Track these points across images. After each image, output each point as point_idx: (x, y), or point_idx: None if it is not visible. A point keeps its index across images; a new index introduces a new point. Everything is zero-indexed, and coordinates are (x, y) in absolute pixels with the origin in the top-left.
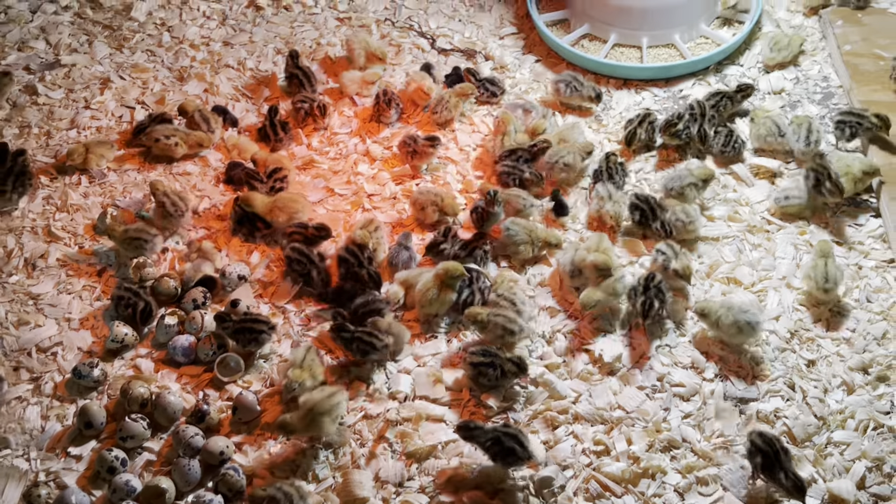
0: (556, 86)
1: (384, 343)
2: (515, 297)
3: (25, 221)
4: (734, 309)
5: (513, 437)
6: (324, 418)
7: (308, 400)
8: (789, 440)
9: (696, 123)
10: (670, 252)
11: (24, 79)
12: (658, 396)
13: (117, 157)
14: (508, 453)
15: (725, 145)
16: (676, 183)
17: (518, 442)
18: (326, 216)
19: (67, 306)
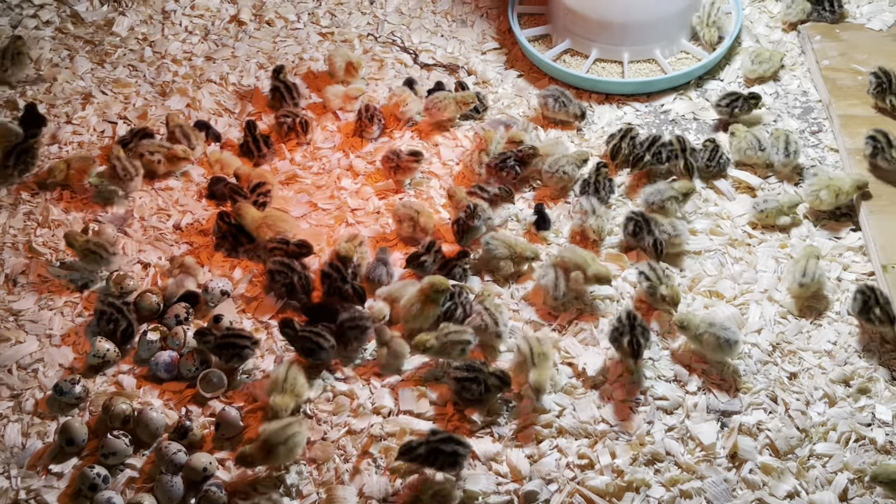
0: (543, 100)
1: (331, 343)
2: (497, 311)
3: (6, 237)
4: (715, 325)
5: (447, 440)
6: (279, 448)
7: (264, 430)
8: (772, 453)
9: (681, 159)
10: (654, 276)
11: (4, 94)
12: (641, 409)
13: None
14: (453, 457)
15: (710, 160)
16: (657, 197)
17: (455, 441)
18: (310, 231)
19: (48, 322)
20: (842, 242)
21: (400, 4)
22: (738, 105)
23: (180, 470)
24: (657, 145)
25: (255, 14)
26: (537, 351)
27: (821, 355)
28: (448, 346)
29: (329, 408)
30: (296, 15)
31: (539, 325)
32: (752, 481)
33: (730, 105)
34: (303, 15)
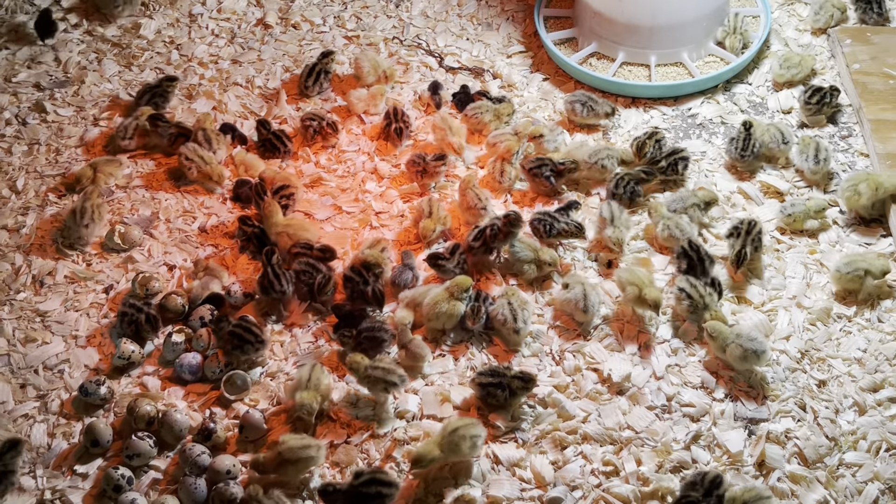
0: (570, 106)
1: (262, 340)
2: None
3: (33, 238)
4: (742, 336)
5: (369, 482)
6: (290, 468)
7: (284, 442)
8: (800, 461)
9: (739, 241)
10: (696, 295)
11: (33, 96)
12: (667, 417)
13: (125, 174)
14: (378, 498)
15: (744, 149)
16: (679, 204)
17: (377, 482)
18: (334, 234)
19: (74, 324)
20: (872, 248)
21: (425, 8)
22: (826, 100)
23: (204, 472)
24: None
25: (281, 17)
26: (646, 277)
27: (850, 363)
28: (372, 378)
29: (352, 411)
30: (321, 18)
31: (564, 330)
32: (781, 490)
33: (819, 101)
34: (328, 18)
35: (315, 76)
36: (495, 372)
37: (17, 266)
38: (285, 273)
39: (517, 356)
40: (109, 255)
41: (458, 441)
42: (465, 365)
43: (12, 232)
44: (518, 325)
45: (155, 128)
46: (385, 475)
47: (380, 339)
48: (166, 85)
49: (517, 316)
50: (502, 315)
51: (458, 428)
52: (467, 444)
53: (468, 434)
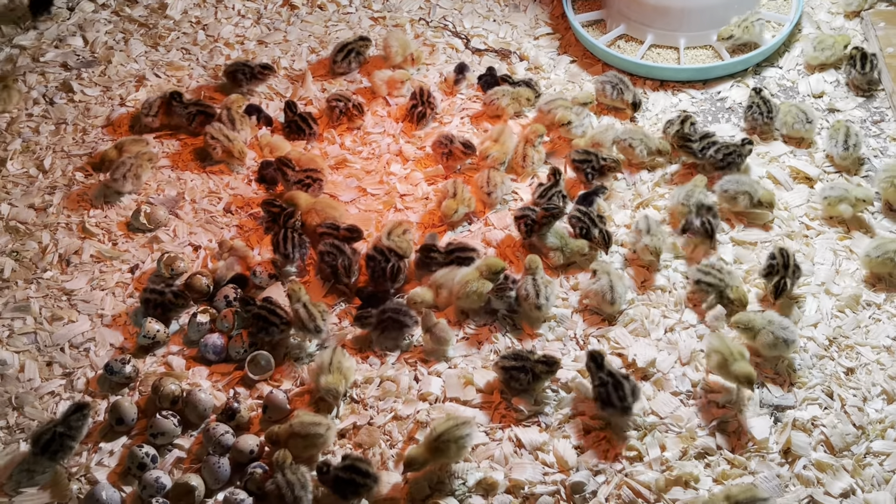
0: (601, 86)
1: (287, 322)
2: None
3: (60, 218)
4: (774, 324)
5: (348, 468)
6: (299, 441)
7: (298, 417)
8: (827, 449)
9: (777, 275)
10: (716, 280)
11: (60, 76)
12: (692, 402)
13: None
14: (348, 484)
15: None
16: (733, 185)
17: (356, 471)
18: (359, 216)
19: (100, 302)
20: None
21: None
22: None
23: (227, 451)
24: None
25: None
26: (735, 349)
27: (879, 350)
28: (299, 315)
29: (376, 393)
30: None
31: (589, 315)
32: (806, 478)
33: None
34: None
35: (346, 53)
36: (519, 355)
37: (44, 245)
38: (294, 238)
39: (540, 340)
40: (135, 235)
41: (443, 447)
42: (488, 348)
43: (39, 211)
44: (540, 302)
45: (173, 106)
46: (364, 464)
47: (403, 323)
48: (259, 72)
49: (540, 292)
50: (525, 290)
51: (443, 433)
52: (454, 447)
53: (453, 437)
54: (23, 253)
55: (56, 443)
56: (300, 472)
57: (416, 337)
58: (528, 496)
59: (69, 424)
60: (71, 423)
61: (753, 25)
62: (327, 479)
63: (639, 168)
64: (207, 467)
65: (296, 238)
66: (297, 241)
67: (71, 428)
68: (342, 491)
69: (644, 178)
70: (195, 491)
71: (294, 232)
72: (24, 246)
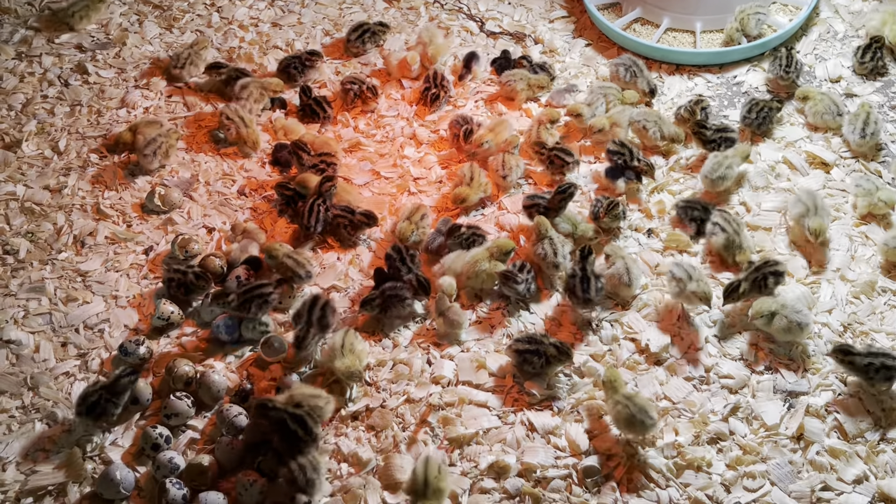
0: (615, 68)
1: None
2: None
3: (75, 199)
4: (787, 308)
5: (298, 419)
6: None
7: (298, 387)
8: (840, 435)
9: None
10: (684, 274)
11: (75, 57)
12: (705, 388)
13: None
14: (291, 437)
15: (788, 67)
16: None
17: (302, 424)
18: (372, 199)
19: (115, 284)
20: None
21: None
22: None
23: (241, 433)
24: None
25: None
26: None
27: (894, 337)
28: (284, 266)
29: (388, 376)
30: None
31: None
32: (819, 464)
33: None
34: None
35: (361, 34)
36: (532, 339)
37: (59, 226)
38: (320, 213)
39: (553, 323)
40: (149, 217)
41: None
42: (501, 332)
43: (54, 192)
44: (557, 260)
45: (212, 75)
46: (313, 422)
47: (401, 296)
48: (307, 59)
49: (557, 251)
50: (542, 251)
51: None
52: None
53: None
54: (38, 234)
55: (100, 406)
56: (312, 456)
57: (430, 321)
58: (539, 480)
59: (115, 389)
60: (118, 387)
61: (749, 19)
62: (271, 416)
63: (653, 152)
64: (221, 448)
65: (321, 212)
66: (321, 215)
67: (116, 393)
68: (282, 436)
69: (659, 162)
70: (209, 472)
71: (322, 206)
72: (39, 227)
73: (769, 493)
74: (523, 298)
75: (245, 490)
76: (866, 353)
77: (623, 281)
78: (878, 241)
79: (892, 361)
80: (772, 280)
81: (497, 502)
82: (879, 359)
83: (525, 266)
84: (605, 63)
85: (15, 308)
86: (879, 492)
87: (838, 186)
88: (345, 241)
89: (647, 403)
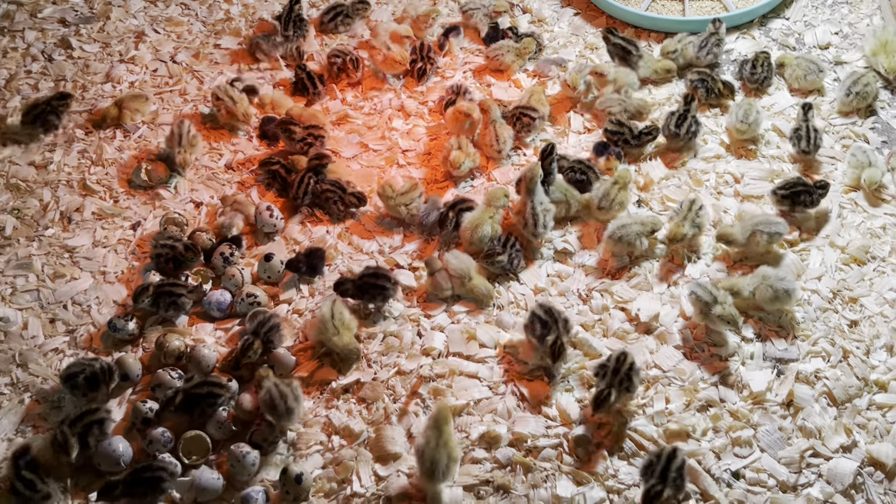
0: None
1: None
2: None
3: (61, 175)
4: (770, 277)
5: (201, 384)
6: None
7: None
8: (830, 401)
9: (605, 381)
10: (709, 297)
11: (59, 32)
12: (696, 356)
13: (151, 111)
14: (210, 398)
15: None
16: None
17: (210, 384)
18: (360, 172)
19: (103, 260)
20: None
21: None
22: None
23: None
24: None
25: None
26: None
27: (883, 303)
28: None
29: (379, 348)
30: None
31: (591, 269)
32: (808, 430)
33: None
34: None
35: (333, 16)
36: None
37: (46, 202)
38: (309, 185)
39: (543, 294)
40: (136, 192)
41: None
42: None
43: (40, 168)
44: (538, 231)
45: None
46: (217, 378)
47: (381, 286)
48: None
49: (538, 221)
50: (523, 219)
51: None
52: None
53: None
54: (24, 210)
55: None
56: (293, 385)
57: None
58: (531, 449)
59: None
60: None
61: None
62: (179, 391)
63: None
64: (212, 423)
65: (311, 185)
66: (310, 188)
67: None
68: (189, 407)
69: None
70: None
71: (313, 179)
72: (26, 203)
73: (759, 459)
74: (511, 271)
75: (237, 462)
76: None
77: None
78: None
79: None
80: (633, 377)
81: (488, 472)
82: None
83: (510, 239)
84: (593, 32)
85: (2, 285)
86: (869, 456)
87: (828, 153)
88: (334, 216)
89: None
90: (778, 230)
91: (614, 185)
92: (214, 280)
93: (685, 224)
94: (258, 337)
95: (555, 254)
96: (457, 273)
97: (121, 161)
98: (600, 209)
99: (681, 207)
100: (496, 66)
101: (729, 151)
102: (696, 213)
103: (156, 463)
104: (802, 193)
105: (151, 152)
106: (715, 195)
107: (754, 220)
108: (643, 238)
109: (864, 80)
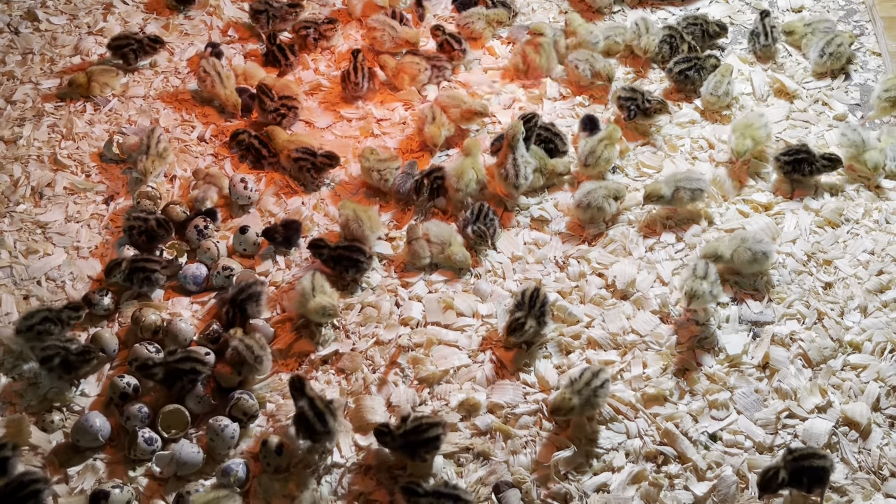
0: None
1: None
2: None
3: (31, 150)
4: (748, 240)
5: (184, 359)
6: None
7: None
8: (805, 363)
9: (523, 311)
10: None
11: (25, 4)
12: (672, 320)
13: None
14: (192, 374)
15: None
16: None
17: (192, 360)
18: (335, 142)
19: (76, 235)
20: None
21: None
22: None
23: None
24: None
25: None
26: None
27: (857, 265)
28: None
29: (357, 319)
30: None
31: (568, 237)
32: (784, 391)
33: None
34: None
35: None
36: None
37: (16, 178)
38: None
39: (520, 262)
40: (108, 166)
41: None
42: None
43: (9, 143)
44: (518, 182)
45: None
46: (197, 353)
47: (355, 259)
48: None
49: (519, 172)
50: (504, 171)
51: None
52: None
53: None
54: None
55: None
56: (257, 336)
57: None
58: (509, 416)
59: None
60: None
61: None
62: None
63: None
64: (191, 397)
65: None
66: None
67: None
68: (171, 381)
69: None
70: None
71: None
72: None
73: (735, 421)
74: (485, 240)
75: (216, 435)
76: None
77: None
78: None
79: None
80: (545, 311)
81: (468, 439)
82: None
83: (483, 208)
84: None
85: None
86: (843, 416)
87: (801, 117)
88: (308, 186)
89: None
90: (700, 186)
91: (601, 141)
92: (189, 253)
93: None
94: (235, 306)
95: (531, 221)
96: (437, 240)
97: (92, 135)
98: (586, 166)
99: None
100: (468, 34)
101: (704, 117)
102: None
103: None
104: (804, 162)
105: (123, 126)
106: (690, 160)
107: (677, 176)
108: (610, 200)
109: (836, 40)
